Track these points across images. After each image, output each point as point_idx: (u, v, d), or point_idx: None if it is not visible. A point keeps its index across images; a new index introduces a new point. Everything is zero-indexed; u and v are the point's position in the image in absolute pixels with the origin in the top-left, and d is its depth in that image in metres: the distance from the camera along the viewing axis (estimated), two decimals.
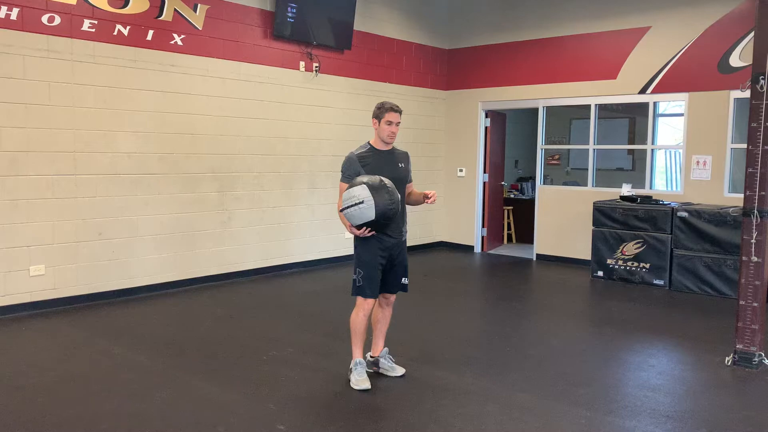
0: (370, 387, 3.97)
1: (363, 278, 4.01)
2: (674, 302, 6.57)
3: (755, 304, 4.43)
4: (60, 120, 5.75)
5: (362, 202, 3.72)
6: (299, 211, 7.88)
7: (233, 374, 4.22)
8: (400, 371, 4.22)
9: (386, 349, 4.28)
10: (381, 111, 4.06)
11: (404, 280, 4.23)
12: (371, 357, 4.28)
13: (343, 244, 8.39)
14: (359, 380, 3.99)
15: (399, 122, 4.09)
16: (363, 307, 4.04)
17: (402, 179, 4.12)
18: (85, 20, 5.82)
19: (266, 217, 7.51)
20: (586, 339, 5.33)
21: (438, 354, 4.64)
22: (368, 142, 4.17)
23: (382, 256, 4.03)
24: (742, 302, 4.48)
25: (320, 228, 8.12)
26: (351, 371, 4.07)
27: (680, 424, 3.53)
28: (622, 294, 6.91)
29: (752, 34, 4.52)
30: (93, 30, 5.89)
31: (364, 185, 3.75)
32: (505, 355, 4.74)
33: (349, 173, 4.01)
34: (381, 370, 4.23)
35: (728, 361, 4.51)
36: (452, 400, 3.83)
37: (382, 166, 4.03)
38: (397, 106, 4.09)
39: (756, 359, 4.42)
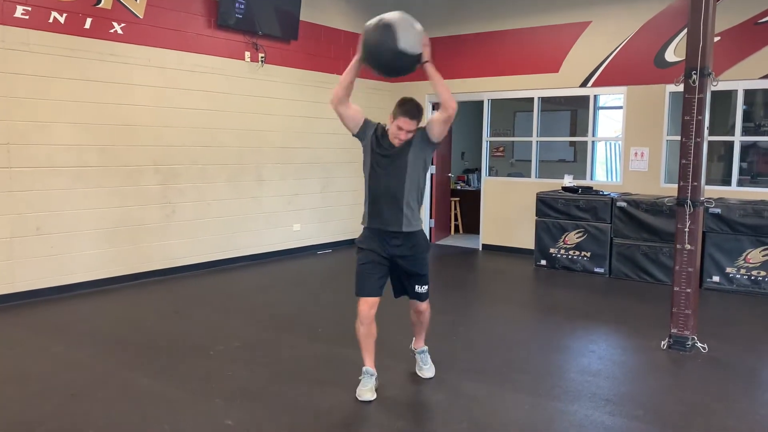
0: (371, 399, 3.63)
1: (356, 272, 3.63)
2: (614, 289, 6.79)
3: (689, 290, 4.63)
4: None
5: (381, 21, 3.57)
6: (246, 204, 7.78)
7: (179, 370, 4.16)
8: (428, 374, 4.00)
9: (426, 347, 4.06)
10: (396, 111, 3.48)
11: (417, 288, 3.73)
12: (413, 348, 4.11)
13: (291, 237, 8.33)
14: (361, 390, 3.66)
15: (411, 131, 3.48)
16: (359, 308, 3.63)
17: (403, 168, 3.56)
18: (18, 6, 5.58)
19: (212, 210, 7.39)
20: (530, 326, 5.46)
21: (384, 344, 4.66)
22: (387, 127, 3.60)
23: (383, 256, 3.66)
24: (676, 288, 4.67)
25: (267, 221, 8.04)
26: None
27: (619, 407, 3.67)
28: (564, 282, 7.10)
29: (685, 30, 4.69)
30: (27, 17, 5.65)
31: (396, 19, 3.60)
32: (451, 343, 4.81)
33: (362, 128, 3.57)
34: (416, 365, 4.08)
35: (664, 345, 4.70)
36: (399, 391, 3.87)
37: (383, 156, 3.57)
38: (417, 111, 3.47)
39: (689, 343, 4.62)
